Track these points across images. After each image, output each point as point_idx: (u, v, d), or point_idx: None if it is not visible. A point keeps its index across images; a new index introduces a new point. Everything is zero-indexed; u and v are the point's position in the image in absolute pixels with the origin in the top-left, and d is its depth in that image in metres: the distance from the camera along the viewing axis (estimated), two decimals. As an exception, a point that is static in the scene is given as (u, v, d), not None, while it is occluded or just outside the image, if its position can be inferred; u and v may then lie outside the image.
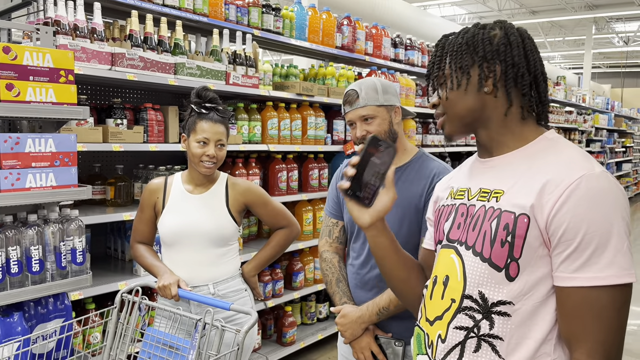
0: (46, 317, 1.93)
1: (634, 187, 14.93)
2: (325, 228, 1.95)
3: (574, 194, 0.95)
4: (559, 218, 0.95)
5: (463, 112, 1.11)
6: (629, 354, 4.12)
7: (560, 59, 22.37)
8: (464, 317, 1.05)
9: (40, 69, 1.84)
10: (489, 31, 1.10)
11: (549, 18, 14.24)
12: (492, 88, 1.08)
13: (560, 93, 9.18)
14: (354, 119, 1.77)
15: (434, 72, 1.15)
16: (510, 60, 1.07)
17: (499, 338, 1.01)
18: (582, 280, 0.94)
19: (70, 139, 1.91)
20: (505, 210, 1.02)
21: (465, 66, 1.09)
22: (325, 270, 1.88)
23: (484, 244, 1.03)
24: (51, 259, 1.91)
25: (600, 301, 0.93)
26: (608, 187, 0.96)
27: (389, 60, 4.59)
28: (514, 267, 0.99)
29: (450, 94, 1.11)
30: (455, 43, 1.11)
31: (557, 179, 0.97)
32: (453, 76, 1.10)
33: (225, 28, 3.17)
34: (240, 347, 1.51)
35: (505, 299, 1.00)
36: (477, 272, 1.04)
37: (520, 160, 1.07)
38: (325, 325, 4.10)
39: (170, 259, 2.05)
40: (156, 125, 2.82)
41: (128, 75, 2.55)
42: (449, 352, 1.07)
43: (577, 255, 0.94)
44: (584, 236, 0.93)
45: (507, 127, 1.10)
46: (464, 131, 1.14)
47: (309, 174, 3.85)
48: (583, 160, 1.00)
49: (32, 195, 1.81)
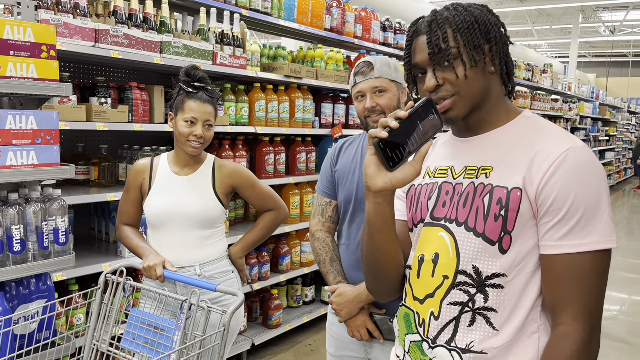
0: (28, 298, 1.90)
1: (616, 175, 15.16)
2: (318, 207, 1.93)
3: (562, 165, 0.99)
4: (548, 189, 0.99)
5: (477, 91, 1.07)
6: (609, 338, 4.21)
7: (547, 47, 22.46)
8: (458, 293, 1.07)
9: (21, 44, 1.78)
10: (477, 9, 1.09)
11: (537, 6, 14.25)
12: (495, 67, 1.09)
13: (546, 81, 9.22)
14: (366, 90, 1.74)
15: (442, 48, 1.05)
16: (501, 40, 1.10)
17: (493, 310, 1.04)
18: (568, 248, 0.98)
19: (53, 117, 1.86)
20: (497, 186, 1.04)
21: (479, 45, 1.06)
22: (318, 250, 1.87)
23: (477, 219, 1.05)
24: (33, 239, 1.87)
25: (584, 267, 0.98)
26: (592, 160, 1.01)
27: (378, 44, 4.55)
28: (506, 240, 1.02)
29: (470, 72, 1.05)
30: (464, 20, 1.06)
31: (545, 152, 1.01)
32: (471, 54, 1.05)
33: (213, 7, 3.11)
34: (227, 328, 1.50)
35: (499, 271, 1.03)
36: (470, 247, 1.05)
37: (504, 137, 1.09)
38: (312, 308, 4.11)
39: (157, 240, 2.02)
40: (141, 105, 2.77)
41: (112, 52, 2.49)
42: (443, 329, 1.08)
43: (563, 224, 0.98)
44: (571, 205, 0.98)
45: (498, 106, 1.12)
46: (472, 112, 1.09)
47: (297, 157, 3.82)
48: (566, 135, 1.05)
49: (13, 174, 1.77)
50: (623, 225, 9.24)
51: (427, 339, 1.11)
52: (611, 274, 1.05)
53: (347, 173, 1.83)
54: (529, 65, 8.46)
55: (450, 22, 1.07)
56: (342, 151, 1.92)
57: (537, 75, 8.72)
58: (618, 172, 15.54)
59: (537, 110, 8.55)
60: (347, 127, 4.23)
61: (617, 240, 1.00)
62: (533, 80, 8.53)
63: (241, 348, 3.37)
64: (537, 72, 8.77)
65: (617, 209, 11.27)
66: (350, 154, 1.87)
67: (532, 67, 8.53)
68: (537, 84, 8.75)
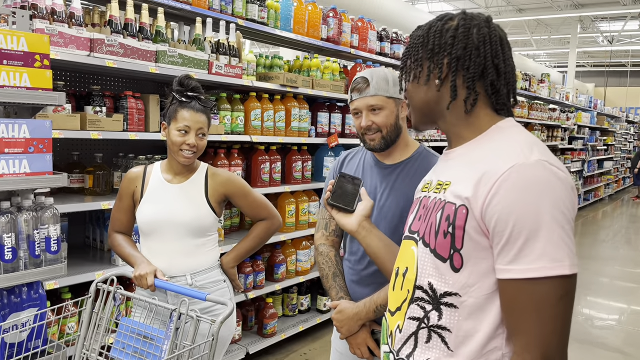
0: (19, 306, 1.90)
1: (614, 184, 15.17)
2: (321, 220, 1.91)
3: (504, 184, 0.93)
4: (491, 210, 0.94)
5: (419, 104, 1.14)
6: (605, 347, 4.20)
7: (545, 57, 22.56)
8: (416, 308, 1.07)
9: (14, 53, 1.80)
10: (446, 22, 1.10)
11: (535, 16, 14.34)
12: (437, 81, 1.09)
13: (544, 90, 9.26)
14: (361, 108, 1.71)
15: (402, 63, 1.18)
16: (455, 52, 1.06)
17: (447, 329, 1.01)
18: (515, 272, 0.92)
19: (45, 125, 1.87)
20: (448, 202, 1.03)
21: (419, 59, 1.11)
22: (321, 264, 1.84)
23: (430, 235, 1.05)
24: (24, 247, 1.88)
25: (536, 294, 0.91)
26: (541, 176, 0.93)
27: (375, 54, 4.58)
28: (457, 258, 0.99)
29: (409, 86, 1.15)
30: (415, 35, 1.14)
31: (492, 169, 0.97)
32: (410, 68, 1.14)
33: (209, 17, 3.13)
34: (215, 337, 1.50)
35: (451, 290, 1.01)
36: (426, 262, 1.06)
37: (470, 152, 1.08)
38: (307, 317, 4.10)
39: (148, 248, 2.02)
40: (136, 114, 2.78)
41: (107, 61, 2.51)
42: (405, 342, 1.09)
43: (509, 247, 0.92)
44: (513, 227, 0.91)
45: (462, 118, 1.10)
46: (425, 122, 1.17)
47: (292, 165, 3.83)
48: (521, 149, 0.97)
49: (5, 182, 1.77)
50: (622, 234, 9.23)
51: (392, 351, 1.12)
52: (609, 283, 1.02)
53: None
54: (526, 74, 8.50)
55: (412, 37, 1.15)
56: (345, 163, 1.91)
57: (534, 84, 8.75)
58: (616, 181, 15.54)
59: (534, 120, 8.57)
60: (343, 135, 4.25)
61: (616, 250, 0.95)
62: (530, 89, 8.57)
63: (235, 357, 3.36)
64: (535, 82, 8.80)
65: (616, 218, 11.28)
66: (353, 166, 1.87)
67: (529, 77, 8.56)
68: (535, 93, 8.78)
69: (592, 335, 4.47)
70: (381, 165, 1.78)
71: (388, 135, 1.71)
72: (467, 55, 1.06)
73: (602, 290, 5.78)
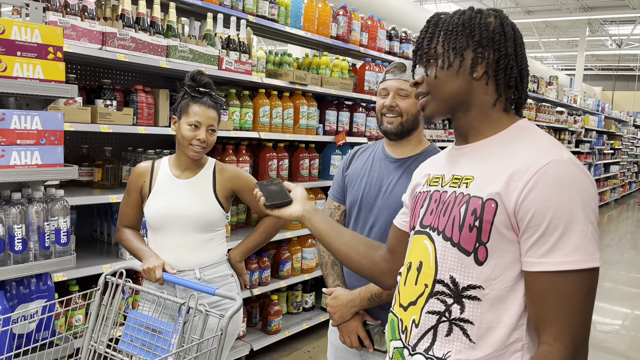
0: (28, 297, 1.90)
1: (620, 189, 15.09)
2: (327, 210, 1.96)
3: (541, 179, 0.96)
4: (527, 204, 0.96)
5: (449, 93, 1.10)
6: (610, 352, 4.18)
7: (553, 59, 22.46)
8: (436, 302, 1.07)
9: (28, 45, 1.80)
10: (486, 17, 1.09)
11: (543, 18, 14.27)
12: (482, 74, 1.08)
13: (552, 93, 9.22)
14: (391, 88, 1.75)
15: (423, 47, 1.12)
16: (504, 50, 1.08)
17: (469, 322, 1.03)
18: (549, 265, 0.95)
19: (57, 117, 1.88)
20: (474, 196, 1.03)
21: (460, 47, 1.07)
22: (322, 252, 1.89)
23: (453, 229, 1.05)
24: (34, 238, 1.88)
25: (567, 286, 0.94)
26: (575, 173, 0.96)
27: (384, 53, 4.57)
28: (482, 251, 1.01)
29: (440, 73, 1.09)
30: (451, 22, 1.09)
31: (526, 165, 0.99)
32: (445, 55, 1.08)
33: (220, 12, 3.13)
34: (224, 332, 1.50)
35: (475, 283, 1.02)
36: (447, 256, 1.06)
37: (492, 148, 1.09)
38: (311, 314, 4.10)
39: (156, 243, 2.02)
40: (146, 108, 2.79)
41: (119, 55, 2.51)
42: (422, 337, 1.08)
43: (544, 241, 0.95)
44: (550, 221, 0.94)
45: (487, 115, 1.10)
46: (446, 113, 1.13)
47: (300, 163, 3.83)
48: (551, 147, 1.01)
49: (17, 173, 1.78)
50: (627, 239, 9.18)
51: (407, 346, 1.12)
52: (614, 288, 1.04)
53: (356, 177, 1.86)
54: (534, 76, 8.47)
55: (442, 23, 1.10)
56: (355, 157, 1.95)
57: (542, 86, 8.72)
58: (622, 185, 15.47)
59: (541, 122, 8.54)
60: (350, 134, 4.24)
61: (621, 255, 0.97)
62: (538, 91, 8.53)
63: (240, 353, 3.36)
64: (543, 84, 8.77)
65: (621, 222, 11.22)
66: (362, 160, 1.90)
67: (538, 79, 8.53)
68: (542, 95, 8.75)
69: (597, 340, 4.45)
70: (390, 159, 1.81)
71: (406, 123, 1.74)
72: (512, 54, 1.08)
73: (607, 295, 5.76)
